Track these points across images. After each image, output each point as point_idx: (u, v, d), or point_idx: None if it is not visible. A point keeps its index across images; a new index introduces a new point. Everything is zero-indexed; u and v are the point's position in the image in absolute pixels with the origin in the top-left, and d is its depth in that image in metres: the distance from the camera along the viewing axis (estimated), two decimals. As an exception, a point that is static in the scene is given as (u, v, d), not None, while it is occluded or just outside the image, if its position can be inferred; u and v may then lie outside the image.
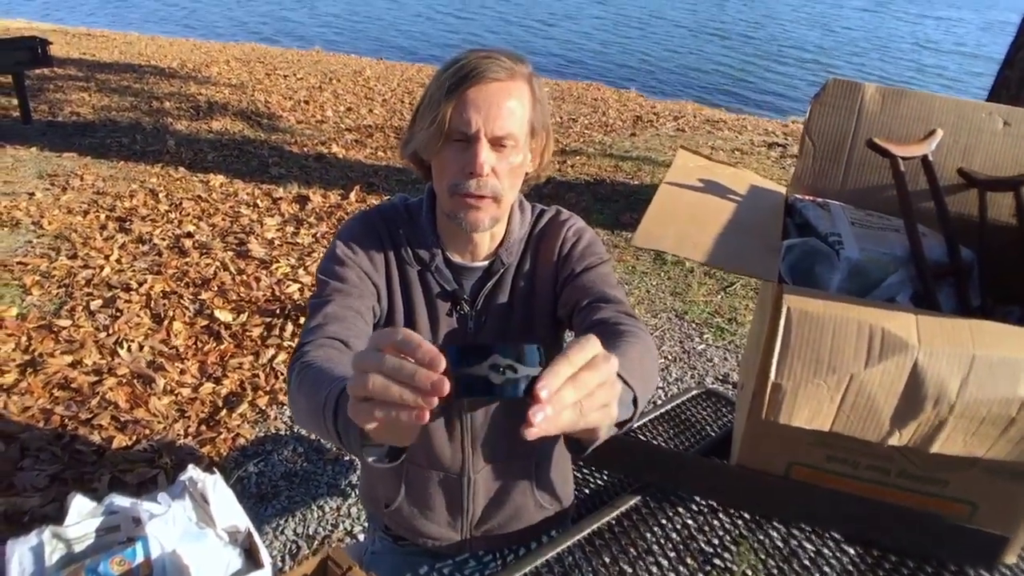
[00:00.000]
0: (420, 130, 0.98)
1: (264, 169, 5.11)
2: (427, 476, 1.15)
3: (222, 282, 3.44)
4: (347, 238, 1.06)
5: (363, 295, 1.02)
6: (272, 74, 8.34)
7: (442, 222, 1.07)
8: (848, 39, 16.66)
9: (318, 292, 1.01)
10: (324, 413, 0.73)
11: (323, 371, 0.82)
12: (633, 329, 0.97)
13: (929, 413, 0.95)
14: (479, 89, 0.93)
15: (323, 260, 1.05)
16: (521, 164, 1.00)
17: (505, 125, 0.94)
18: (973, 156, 1.32)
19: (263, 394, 2.72)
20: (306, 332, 0.95)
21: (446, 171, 0.98)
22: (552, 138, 1.07)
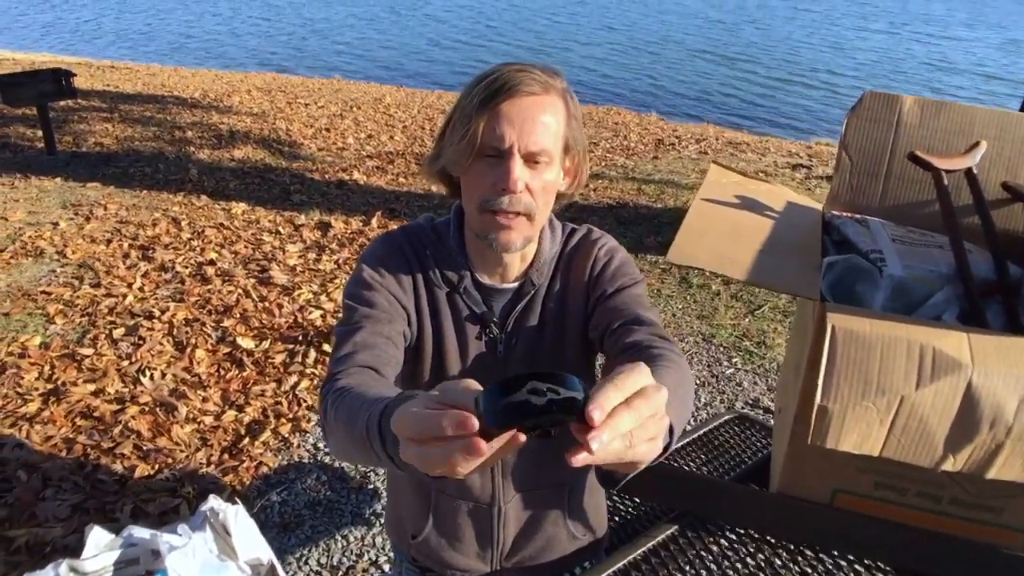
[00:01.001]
0: (450, 145, 0.96)
1: (286, 196, 5.13)
2: (456, 506, 1.10)
3: (244, 309, 3.43)
4: (373, 260, 1.03)
5: (393, 319, 0.99)
6: (293, 102, 8.44)
7: (471, 242, 1.04)
8: (865, 60, 16.62)
9: (346, 318, 0.98)
10: (369, 439, 0.70)
11: (359, 396, 0.79)
12: (668, 353, 0.93)
13: (985, 436, 0.90)
14: (513, 103, 0.90)
15: (349, 284, 1.02)
16: (554, 181, 0.97)
17: (539, 140, 0.91)
18: (1018, 169, 1.28)
19: (286, 421, 2.69)
20: (335, 361, 0.92)
21: (477, 187, 0.95)
22: (587, 157, 1.04)
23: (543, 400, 0.51)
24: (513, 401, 0.51)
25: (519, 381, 0.52)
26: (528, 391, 0.51)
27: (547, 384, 0.52)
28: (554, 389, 0.52)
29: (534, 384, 0.52)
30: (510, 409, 0.51)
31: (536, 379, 0.52)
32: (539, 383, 0.52)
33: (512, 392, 0.52)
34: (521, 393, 0.51)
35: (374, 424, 0.70)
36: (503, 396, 0.52)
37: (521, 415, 0.51)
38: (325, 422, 0.84)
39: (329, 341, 3.16)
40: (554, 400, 0.51)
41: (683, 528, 1.16)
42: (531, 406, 0.51)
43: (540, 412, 0.51)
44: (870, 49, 18.71)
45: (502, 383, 0.53)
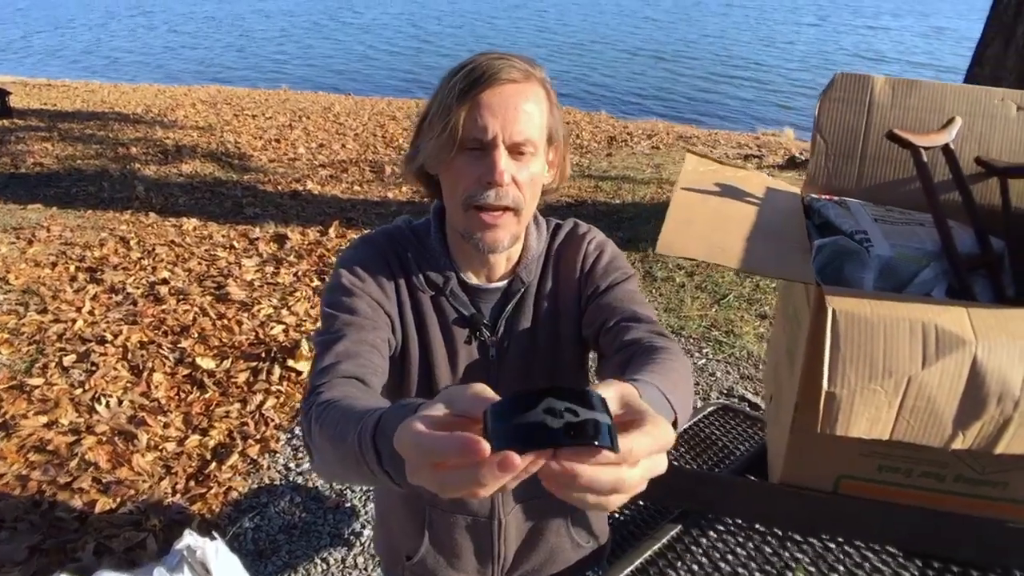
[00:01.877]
0: (428, 140, 0.90)
1: (238, 210, 5.00)
2: (452, 521, 1.05)
3: (202, 328, 3.32)
4: (352, 265, 0.97)
5: (377, 326, 0.93)
6: (240, 114, 8.26)
7: (454, 241, 0.99)
8: (796, 54, 16.93)
9: (326, 327, 0.92)
10: (362, 455, 0.65)
11: (347, 409, 0.73)
12: (669, 346, 0.89)
13: (993, 411, 0.89)
14: (494, 92, 0.86)
15: (327, 292, 0.96)
16: (540, 174, 0.92)
17: (524, 130, 0.87)
18: (989, 143, 1.28)
19: (254, 443, 2.60)
20: (316, 373, 0.86)
21: (460, 183, 0.90)
22: (569, 149, 1.00)
23: (560, 423, 0.45)
24: (527, 422, 0.45)
25: (533, 397, 0.46)
26: (544, 410, 0.45)
27: (565, 403, 0.46)
28: (572, 409, 0.46)
29: (550, 402, 0.46)
30: (523, 432, 0.45)
31: (553, 396, 0.46)
32: (556, 401, 0.46)
33: (525, 410, 0.46)
34: (536, 413, 0.45)
35: (367, 439, 0.64)
36: (514, 415, 0.46)
37: (536, 440, 0.45)
38: (309, 440, 0.78)
39: (294, 356, 3.07)
40: (573, 424, 0.45)
41: (687, 527, 1.13)
42: (547, 430, 0.45)
43: (557, 438, 0.45)
44: (801, 42, 19.09)
45: (514, 399, 0.47)
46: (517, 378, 1.01)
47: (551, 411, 0.45)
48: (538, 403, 0.45)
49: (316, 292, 3.76)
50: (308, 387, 0.85)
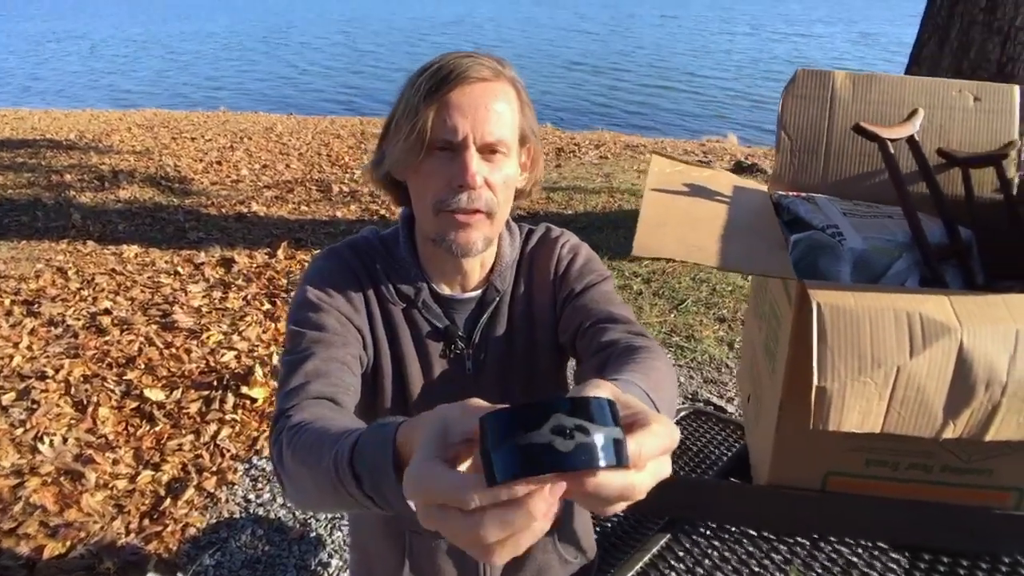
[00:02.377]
0: (395, 144, 0.86)
1: (181, 235, 4.85)
2: (435, 546, 1.00)
3: (149, 358, 3.18)
4: (318, 279, 0.92)
5: (347, 342, 0.88)
6: (179, 137, 8.03)
7: (425, 250, 0.95)
8: (732, 63, 17.33)
9: (292, 347, 0.87)
10: (340, 481, 0.60)
11: (321, 432, 0.69)
12: (649, 345, 0.86)
13: (982, 398, 0.88)
14: (463, 91, 0.82)
15: (293, 309, 0.91)
16: (513, 176, 0.89)
17: (495, 130, 0.83)
18: (950, 135, 1.29)
19: (210, 475, 2.49)
20: (284, 395, 0.80)
21: (430, 187, 0.86)
22: (541, 151, 0.97)
23: (571, 444, 0.40)
24: (533, 444, 0.40)
25: (539, 413, 0.41)
26: (552, 429, 0.40)
27: (575, 419, 0.41)
28: (583, 427, 0.41)
29: (559, 419, 0.40)
30: (530, 456, 0.40)
31: (561, 411, 0.41)
32: (565, 418, 0.40)
33: (530, 428, 0.40)
34: (542, 434, 0.40)
35: (344, 463, 0.60)
36: (517, 433, 0.40)
37: (544, 465, 0.40)
38: (281, 467, 0.73)
39: (248, 382, 2.97)
40: (585, 445, 0.40)
41: (676, 535, 1.10)
42: (556, 454, 0.39)
43: (569, 463, 0.40)
44: (736, 51, 19.57)
45: (517, 415, 0.41)
46: (495, 389, 0.97)
47: (559, 430, 0.40)
48: (544, 421, 0.40)
49: (267, 316, 3.65)
50: (276, 411, 0.79)
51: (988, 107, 1.30)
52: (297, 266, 4.31)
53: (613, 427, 0.42)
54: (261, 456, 2.61)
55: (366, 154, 7.49)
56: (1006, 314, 0.89)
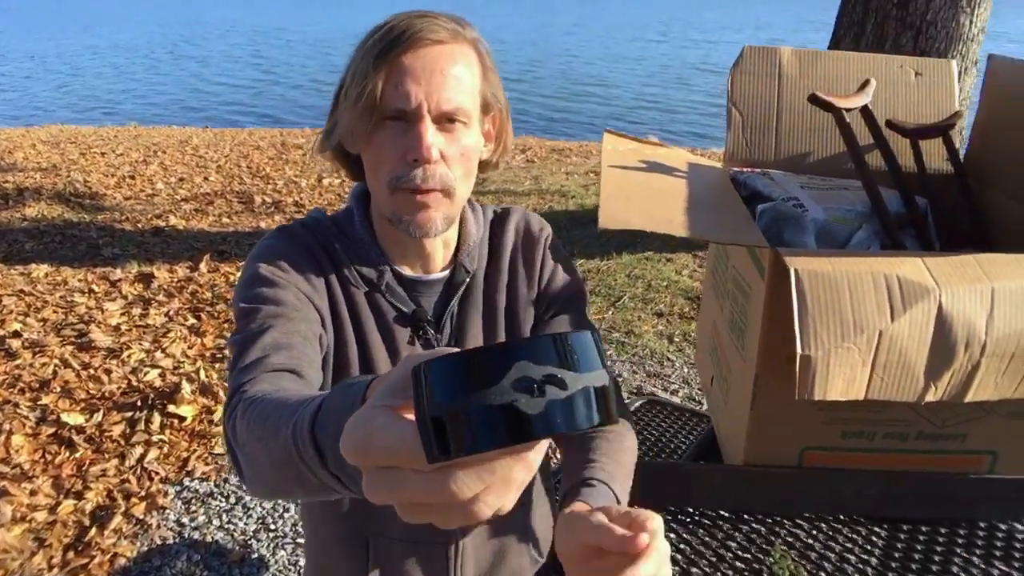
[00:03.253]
0: (344, 111, 0.79)
1: (95, 251, 4.57)
2: (404, 551, 0.91)
3: (65, 381, 2.97)
4: (270, 255, 0.82)
5: (308, 319, 0.79)
6: (87, 153, 7.62)
7: (383, 229, 0.87)
8: (644, 69, 17.64)
9: (245, 324, 0.76)
10: (300, 456, 0.50)
11: (279, 401, 0.59)
12: None
13: (962, 359, 0.86)
14: (416, 55, 0.75)
15: (240, 288, 0.81)
16: (475, 147, 0.82)
17: (453, 97, 0.77)
18: (896, 108, 1.30)
19: (138, 501, 2.32)
20: (239, 371, 0.70)
21: (383, 162, 0.78)
22: (509, 118, 0.90)
23: (540, 404, 0.30)
24: (491, 407, 0.30)
25: (493, 362, 0.30)
26: (515, 383, 0.30)
27: (545, 367, 0.31)
28: (556, 377, 0.30)
29: (524, 369, 0.30)
30: (485, 425, 0.30)
31: (525, 358, 0.30)
32: (531, 366, 0.30)
33: (482, 384, 0.30)
34: (501, 390, 0.30)
35: (304, 434, 0.50)
36: (469, 389, 0.30)
37: (503, 435, 0.30)
38: (236, 446, 0.62)
39: (174, 400, 2.80)
40: (558, 404, 0.30)
41: (653, 521, 1.05)
42: (521, 419, 0.30)
43: (537, 430, 0.30)
44: (647, 57, 19.95)
45: (460, 367, 0.31)
46: None
47: (525, 385, 0.30)
48: (503, 372, 0.30)
49: (192, 331, 3.47)
50: (230, 390, 0.69)
51: (929, 81, 1.31)
52: (221, 279, 4.13)
53: (596, 370, 0.32)
54: (193, 477, 2.46)
55: (287, 164, 7.29)
56: (980, 273, 0.88)
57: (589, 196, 5.95)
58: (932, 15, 3.48)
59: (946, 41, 3.55)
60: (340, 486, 0.50)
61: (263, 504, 2.31)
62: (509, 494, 0.34)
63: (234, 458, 0.63)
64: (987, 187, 1.23)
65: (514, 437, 0.30)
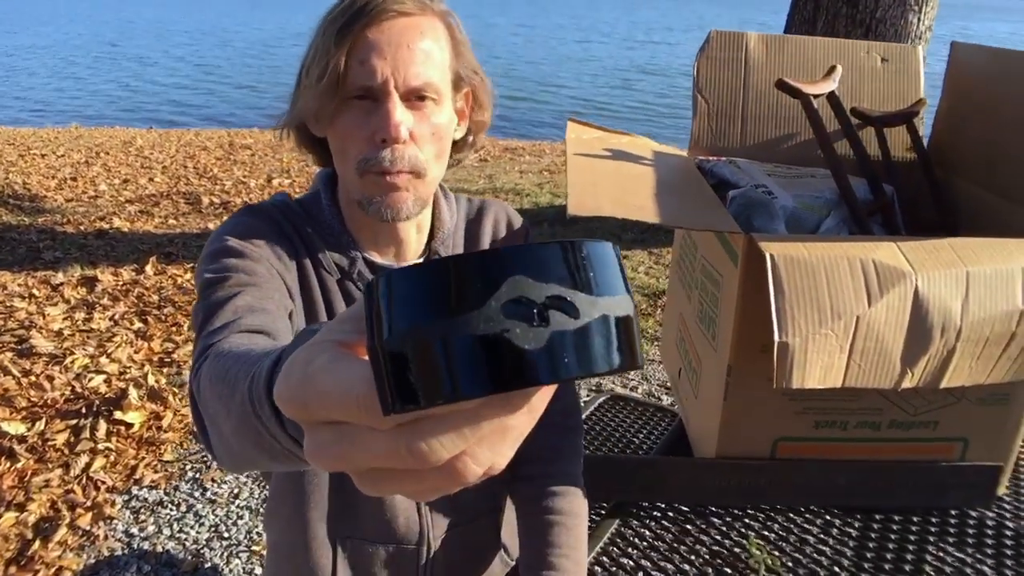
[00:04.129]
0: (305, 90, 0.74)
1: (35, 255, 4.38)
2: (371, 553, 0.86)
3: (5, 389, 2.82)
4: (240, 230, 0.76)
5: (280, 292, 0.73)
6: (26, 155, 7.33)
7: (351, 214, 0.82)
8: (591, 69, 17.63)
9: (211, 292, 0.68)
10: (257, 413, 0.42)
11: (242, 354, 0.52)
12: (572, 502, 0.90)
13: (938, 344, 0.85)
14: (381, 28, 0.71)
15: (205, 261, 0.73)
16: (446, 125, 0.78)
17: (421, 72, 0.72)
18: (860, 94, 1.29)
19: (84, 511, 2.21)
20: (207, 335, 0.62)
21: (350, 143, 0.74)
22: (488, 92, 0.86)
23: (543, 335, 0.22)
24: (475, 338, 0.22)
25: (480, 273, 0.23)
26: (507, 305, 0.22)
27: (549, 286, 0.23)
28: (560, 298, 0.23)
29: (518, 284, 0.22)
30: (465, 364, 0.22)
31: (521, 271, 0.23)
32: (528, 281, 0.22)
33: (463, 306, 0.22)
34: (489, 315, 0.22)
35: (260, 388, 0.42)
36: (436, 317, 0.22)
37: (487, 379, 0.22)
38: (202, 407, 0.54)
39: (121, 407, 2.69)
40: (565, 336, 0.22)
41: (625, 520, 1.02)
42: (515, 356, 0.22)
43: (538, 373, 0.22)
44: (590, 59, 20.02)
45: (433, 279, 0.23)
46: None
47: (521, 308, 0.22)
48: (493, 288, 0.22)
49: (139, 335, 3.35)
50: (195, 352, 0.62)
51: (895, 67, 1.31)
52: (169, 281, 3.99)
53: (619, 294, 0.24)
54: (142, 486, 2.36)
55: (236, 164, 7.12)
56: (955, 257, 0.87)
57: (544, 194, 5.93)
58: (881, 13, 3.54)
59: (895, 39, 3.62)
60: (302, 452, 0.42)
61: (215, 512, 2.23)
62: (504, 445, 0.25)
63: (199, 424, 0.55)
64: (951, 174, 1.23)
65: (503, 381, 0.22)
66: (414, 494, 0.27)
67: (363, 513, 0.83)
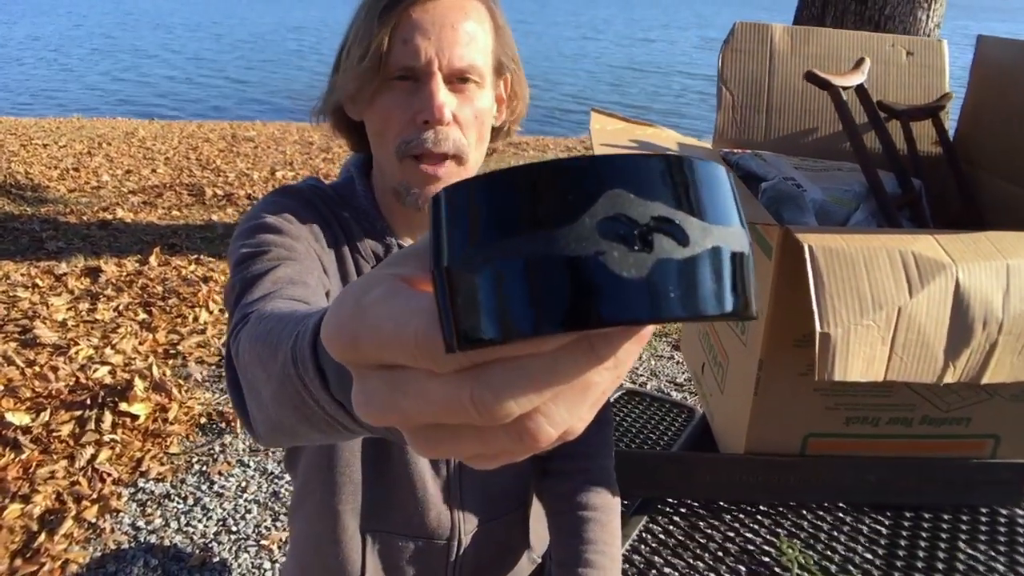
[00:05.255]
0: (345, 72, 0.72)
1: (39, 245, 4.36)
2: (401, 547, 0.84)
3: (9, 379, 2.81)
4: (278, 210, 0.73)
5: (319, 270, 0.70)
6: (28, 145, 7.30)
7: (386, 201, 0.80)
8: (586, 67, 17.57)
9: (248, 266, 0.65)
10: (300, 375, 0.39)
11: (285, 315, 0.49)
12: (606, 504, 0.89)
13: (980, 337, 0.83)
14: (425, 7, 0.69)
15: (241, 236, 0.70)
16: (488, 110, 0.76)
17: (465, 54, 0.71)
18: (886, 88, 1.28)
19: (90, 504, 2.20)
20: (245, 304, 0.58)
21: (390, 124, 0.72)
22: (524, 82, 0.84)
23: (647, 262, 0.19)
24: (564, 258, 0.18)
25: (572, 181, 0.19)
26: (602, 223, 0.19)
27: (654, 204, 0.19)
28: (671, 221, 0.19)
29: (620, 202, 0.19)
30: (551, 291, 0.18)
31: (620, 184, 0.19)
32: (632, 199, 0.19)
33: (551, 222, 0.19)
34: (579, 231, 0.19)
35: (305, 348, 0.38)
36: (522, 234, 0.19)
37: (579, 312, 0.18)
38: (237, 370, 0.51)
39: (126, 398, 2.67)
40: (675, 265, 0.19)
41: (653, 516, 1.01)
42: (615, 287, 0.18)
43: (645, 306, 0.18)
44: (583, 55, 19.95)
45: (512, 190, 0.19)
46: None
47: (619, 227, 0.19)
48: (588, 203, 0.19)
49: (143, 326, 3.33)
50: (232, 321, 0.59)
51: (921, 61, 1.29)
52: (173, 273, 3.97)
53: (733, 225, 0.21)
54: (148, 478, 2.34)
55: (239, 157, 7.09)
56: (993, 250, 0.85)
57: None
58: (890, 10, 3.52)
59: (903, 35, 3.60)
60: (347, 418, 0.37)
61: (223, 505, 2.21)
62: (583, 406, 0.22)
63: (235, 392, 0.52)
64: (977, 168, 1.21)
65: (594, 317, 0.18)
66: (476, 459, 0.23)
67: (395, 506, 0.82)
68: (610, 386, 0.22)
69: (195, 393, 2.82)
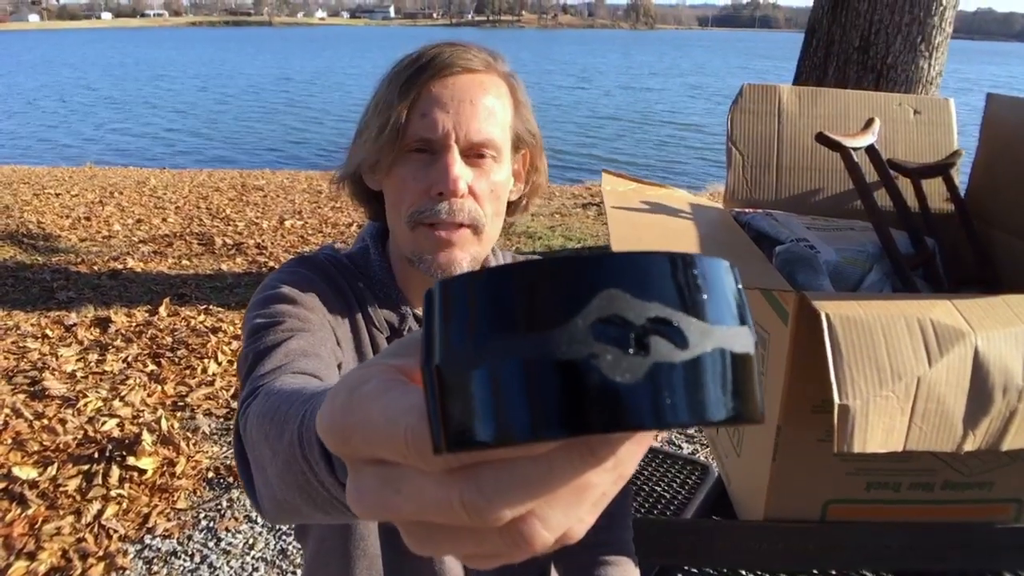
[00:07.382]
0: (366, 142, 0.73)
1: (49, 295, 4.40)
2: (418, 565, 0.83)
3: (17, 432, 2.80)
4: (294, 280, 0.74)
5: (332, 342, 0.71)
6: (41, 194, 7.41)
7: (401, 269, 0.81)
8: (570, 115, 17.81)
9: (262, 336, 0.66)
10: (305, 457, 0.39)
11: (293, 392, 0.50)
12: None
13: (1000, 405, 0.82)
14: (445, 83, 0.71)
15: (256, 306, 0.71)
16: (504, 184, 0.77)
17: (483, 128, 0.72)
18: (895, 146, 1.29)
19: (96, 561, 2.17)
20: (256, 378, 0.60)
21: (405, 194, 0.73)
22: (543, 155, 0.85)
23: (642, 365, 0.18)
24: (557, 364, 0.18)
25: (567, 280, 0.19)
26: (595, 325, 0.18)
27: (651, 304, 0.19)
28: (669, 323, 0.19)
29: (611, 298, 0.18)
30: (547, 395, 0.18)
31: (615, 284, 0.19)
32: (627, 298, 0.18)
33: (545, 323, 0.18)
34: (572, 333, 0.18)
35: (310, 431, 0.39)
36: (514, 334, 0.19)
37: (571, 419, 0.18)
38: (245, 447, 0.51)
39: (134, 452, 2.65)
40: (674, 368, 0.18)
41: (672, 583, 0.99)
42: (608, 395, 0.18)
43: (641, 416, 0.18)
44: (581, 102, 20.25)
45: (506, 287, 0.19)
46: None
47: (614, 330, 0.18)
48: (583, 304, 0.18)
49: (152, 378, 3.33)
50: (243, 393, 0.59)
51: (928, 119, 1.31)
52: (182, 323, 3.99)
53: (736, 324, 0.20)
54: (155, 535, 2.32)
55: (248, 206, 7.17)
56: (1012, 316, 0.85)
57: (556, 237, 5.95)
58: (892, 59, 3.57)
59: (906, 84, 3.64)
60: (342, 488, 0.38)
61: (230, 563, 2.18)
62: (582, 508, 0.21)
63: (243, 467, 0.52)
64: (989, 226, 1.22)
65: (586, 422, 0.17)
66: (470, 559, 0.23)
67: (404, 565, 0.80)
68: (611, 487, 0.22)
69: (203, 446, 2.81)
